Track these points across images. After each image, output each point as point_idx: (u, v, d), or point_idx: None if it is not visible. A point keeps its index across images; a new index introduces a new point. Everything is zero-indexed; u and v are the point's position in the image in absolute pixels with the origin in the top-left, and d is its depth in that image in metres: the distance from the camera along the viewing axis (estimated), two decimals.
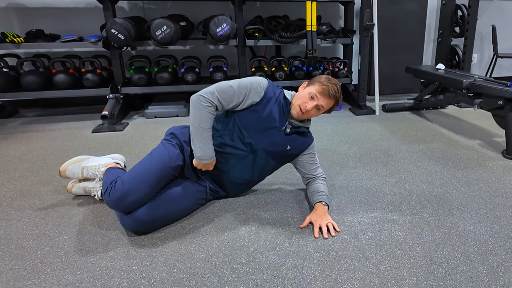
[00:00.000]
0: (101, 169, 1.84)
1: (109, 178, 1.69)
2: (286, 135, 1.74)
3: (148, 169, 1.62)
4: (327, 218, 1.65)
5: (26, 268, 1.39)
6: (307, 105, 1.65)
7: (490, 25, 4.25)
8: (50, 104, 3.89)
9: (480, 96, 2.74)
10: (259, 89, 1.67)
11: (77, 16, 3.69)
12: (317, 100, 1.66)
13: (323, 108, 1.69)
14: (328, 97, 1.65)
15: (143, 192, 1.56)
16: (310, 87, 1.69)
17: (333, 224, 1.63)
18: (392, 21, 4.21)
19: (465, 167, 2.32)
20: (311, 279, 1.33)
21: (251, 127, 1.69)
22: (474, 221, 1.70)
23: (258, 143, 1.71)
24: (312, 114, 1.70)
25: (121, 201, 1.53)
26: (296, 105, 1.68)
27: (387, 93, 4.42)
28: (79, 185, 1.89)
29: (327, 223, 1.63)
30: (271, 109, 1.69)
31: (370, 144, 2.74)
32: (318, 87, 1.66)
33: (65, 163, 1.90)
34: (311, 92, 1.66)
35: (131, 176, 1.61)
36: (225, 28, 3.28)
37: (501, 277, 1.34)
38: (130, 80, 3.48)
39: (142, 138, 2.91)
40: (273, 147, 1.74)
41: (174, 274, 1.36)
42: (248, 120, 1.68)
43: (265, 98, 1.68)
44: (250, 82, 1.67)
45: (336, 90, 1.66)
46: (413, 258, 1.44)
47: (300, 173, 1.90)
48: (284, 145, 1.75)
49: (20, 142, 2.81)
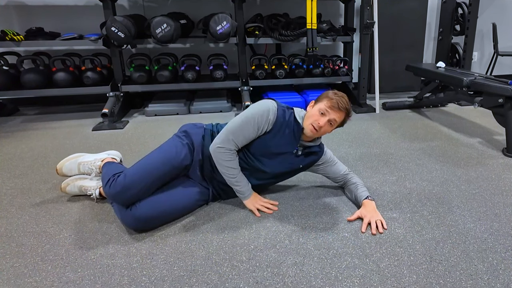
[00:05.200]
0: (97, 164, 1.85)
1: (110, 170, 1.70)
2: (297, 157, 1.76)
3: (153, 165, 1.63)
4: (377, 215, 1.68)
5: (27, 266, 1.39)
6: (319, 122, 1.63)
7: (491, 23, 4.24)
8: (51, 102, 3.89)
9: (481, 94, 2.74)
10: (271, 117, 1.64)
11: (77, 14, 3.69)
12: (329, 115, 1.64)
13: (336, 122, 1.67)
14: (339, 110, 1.64)
15: (144, 187, 1.57)
16: (319, 104, 1.68)
17: (382, 221, 1.65)
18: (393, 19, 4.20)
19: (465, 165, 2.32)
20: (311, 276, 1.33)
21: (262, 155, 1.70)
22: (474, 219, 1.70)
23: (272, 170, 1.74)
24: (325, 130, 1.68)
25: (122, 194, 1.55)
26: (308, 124, 1.66)
27: (387, 91, 4.41)
28: (74, 184, 1.88)
29: (376, 219, 1.64)
30: (282, 136, 1.68)
31: (370, 142, 2.74)
32: (326, 102, 1.65)
33: (61, 161, 1.91)
34: (321, 109, 1.64)
35: (135, 170, 1.62)
36: (225, 26, 3.27)
37: (501, 274, 1.34)
38: (130, 78, 3.48)
39: (143, 136, 2.91)
40: (284, 170, 1.77)
41: (174, 271, 1.36)
42: (259, 148, 1.69)
43: (276, 124, 1.66)
44: (261, 114, 1.63)
45: (345, 102, 1.65)
46: (413, 255, 1.44)
47: (330, 179, 1.94)
48: (296, 165, 1.78)
49: (20, 140, 2.81)
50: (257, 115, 1.63)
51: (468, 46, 4.02)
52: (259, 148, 1.69)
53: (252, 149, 1.70)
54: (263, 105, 1.66)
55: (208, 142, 1.72)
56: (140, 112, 3.67)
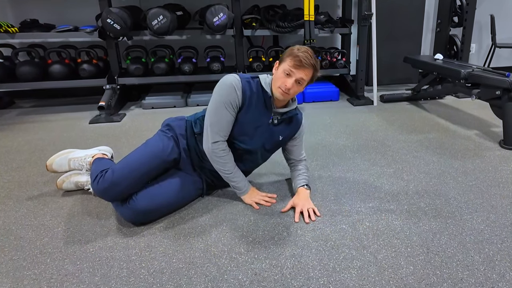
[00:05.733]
0: (87, 159, 1.84)
1: (98, 167, 1.70)
2: (275, 126, 1.71)
3: (141, 160, 1.62)
4: (308, 203, 1.70)
5: (26, 259, 1.39)
6: (286, 84, 1.54)
7: (489, 15, 4.23)
8: (47, 95, 3.86)
9: (478, 86, 2.74)
10: (238, 92, 1.57)
11: (72, 5, 3.64)
12: (294, 75, 1.53)
13: (304, 80, 1.56)
14: (304, 67, 1.52)
15: (132, 182, 1.57)
16: (282, 64, 1.57)
17: (314, 209, 1.68)
18: (391, 11, 4.18)
19: (462, 157, 2.33)
20: (309, 268, 1.34)
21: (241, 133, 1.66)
22: (470, 210, 1.71)
23: (254, 146, 1.70)
24: (295, 90, 1.59)
25: (109, 191, 1.55)
26: (276, 88, 1.57)
27: (385, 83, 4.41)
28: (70, 180, 1.87)
29: (308, 208, 1.66)
30: (254, 109, 1.62)
31: (368, 135, 2.75)
32: (289, 61, 1.53)
33: (51, 157, 1.89)
34: (285, 69, 1.54)
35: (122, 166, 1.61)
36: (222, 18, 3.24)
37: (497, 265, 1.35)
38: (127, 70, 3.45)
39: (140, 129, 2.90)
40: (267, 143, 1.73)
41: (173, 263, 1.37)
42: (236, 129, 1.64)
43: (245, 98, 1.60)
44: (228, 93, 1.56)
45: (309, 57, 1.52)
46: (410, 247, 1.45)
47: (285, 156, 1.90)
48: (276, 137, 1.74)
49: (17, 133, 2.79)
50: (225, 96, 1.56)
51: (466, 38, 4.01)
52: (237, 129, 1.64)
53: (232, 132, 1.65)
54: (225, 83, 1.58)
55: (191, 132, 1.72)
56: (137, 104, 3.65)
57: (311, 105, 3.63)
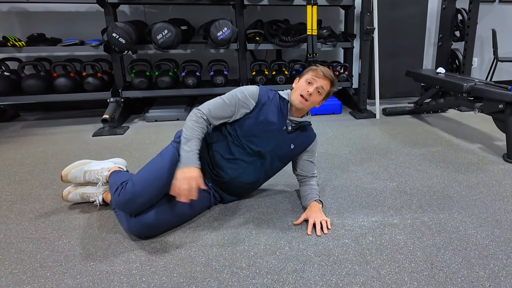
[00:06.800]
0: (103, 173, 1.82)
1: (117, 179, 1.70)
2: (289, 133, 1.77)
3: (159, 171, 1.62)
4: (321, 216, 1.70)
5: (26, 272, 1.38)
6: (308, 90, 1.68)
7: (490, 29, 4.26)
8: (51, 108, 3.89)
9: (481, 100, 2.74)
10: (251, 97, 1.71)
11: (78, 20, 3.71)
12: (316, 83, 1.70)
13: (323, 90, 1.72)
14: (324, 77, 1.70)
15: (153, 194, 1.57)
16: (304, 76, 1.74)
17: (327, 222, 1.67)
18: (393, 25, 4.22)
19: (465, 171, 2.31)
20: (312, 283, 1.32)
21: (251, 134, 1.71)
22: (475, 225, 1.69)
23: (265, 148, 1.73)
24: (315, 99, 1.72)
25: (131, 203, 1.54)
26: (297, 95, 1.70)
27: (387, 96, 4.42)
28: (76, 192, 1.86)
29: (321, 220, 1.66)
30: (267, 112, 1.72)
31: (371, 148, 2.74)
32: (311, 72, 1.72)
33: (67, 168, 1.87)
34: (307, 79, 1.71)
35: (141, 177, 1.61)
36: (226, 32, 3.28)
37: (502, 281, 1.33)
38: (131, 83, 3.48)
39: (143, 142, 2.91)
40: (278, 149, 1.76)
41: (174, 278, 1.36)
42: (246, 128, 1.71)
43: (259, 104, 1.71)
44: (241, 92, 1.71)
45: (329, 71, 1.73)
46: (414, 262, 1.44)
47: (296, 171, 1.91)
48: (287, 144, 1.78)
49: (21, 146, 2.81)
50: (237, 94, 1.70)
51: (468, 52, 4.03)
52: (248, 128, 1.70)
53: (242, 132, 1.71)
54: (246, 87, 1.75)
55: (203, 144, 1.74)
56: (140, 117, 3.68)
57: (314, 118, 3.63)
